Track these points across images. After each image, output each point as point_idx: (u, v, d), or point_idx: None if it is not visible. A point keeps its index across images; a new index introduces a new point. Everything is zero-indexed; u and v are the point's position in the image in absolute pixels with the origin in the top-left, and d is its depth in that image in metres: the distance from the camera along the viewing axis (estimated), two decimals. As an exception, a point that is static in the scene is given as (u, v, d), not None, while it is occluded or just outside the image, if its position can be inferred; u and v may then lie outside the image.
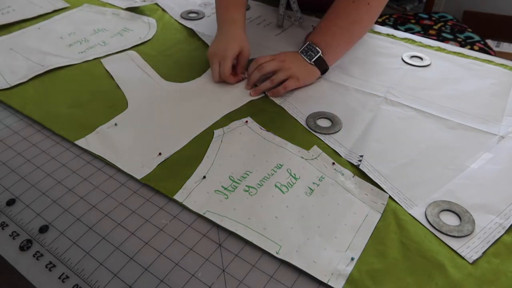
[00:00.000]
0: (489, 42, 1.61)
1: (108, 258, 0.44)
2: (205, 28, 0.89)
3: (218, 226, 0.48)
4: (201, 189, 0.52)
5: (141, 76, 0.74)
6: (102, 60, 0.78)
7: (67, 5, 0.99)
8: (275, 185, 0.52)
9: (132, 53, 0.80)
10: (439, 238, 0.46)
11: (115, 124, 0.62)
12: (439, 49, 0.82)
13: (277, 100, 0.68)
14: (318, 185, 0.53)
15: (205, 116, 0.64)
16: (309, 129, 0.62)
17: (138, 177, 0.53)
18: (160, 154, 0.57)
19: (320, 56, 0.70)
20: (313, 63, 0.70)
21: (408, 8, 1.92)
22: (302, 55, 0.71)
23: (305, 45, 0.71)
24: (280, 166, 0.55)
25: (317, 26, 0.73)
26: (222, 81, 0.71)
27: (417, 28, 1.61)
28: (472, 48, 1.47)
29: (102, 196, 0.51)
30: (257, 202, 0.50)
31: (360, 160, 0.56)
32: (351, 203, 0.50)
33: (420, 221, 0.48)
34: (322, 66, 0.71)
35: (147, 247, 0.45)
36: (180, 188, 0.52)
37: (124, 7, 0.98)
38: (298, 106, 0.67)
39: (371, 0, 0.69)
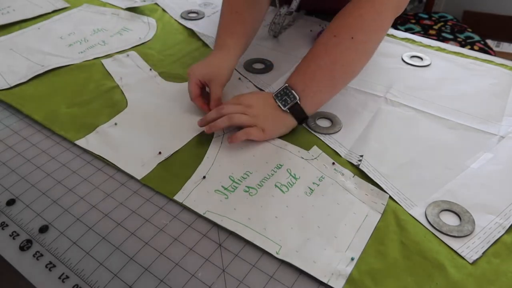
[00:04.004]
0: (489, 42, 1.61)
1: (108, 258, 0.44)
2: (205, 28, 0.89)
3: (218, 226, 0.48)
4: (201, 189, 0.52)
5: (141, 76, 0.74)
6: (102, 60, 0.78)
7: (67, 5, 0.99)
8: (275, 185, 0.52)
9: (132, 53, 0.80)
10: (439, 238, 0.46)
11: (115, 124, 0.62)
12: (439, 49, 0.82)
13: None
14: (318, 185, 0.53)
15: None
16: (309, 129, 0.62)
17: (138, 177, 0.53)
18: (160, 153, 0.57)
19: (297, 102, 0.57)
20: (287, 110, 0.58)
21: (408, 8, 1.92)
22: (276, 100, 0.58)
23: (281, 88, 0.58)
24: (280, 166, 0.55)
25: (297, 65, 0.60)
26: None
27: (417, 28, 1.61)
28: (472, 48, 1.47)
29: (102, 196, 0.51)
30: (257, 202, 0.50)
31: (360, 160, 0.56)
32: (351, 203, 0.50)
33: (420, 221, 0.48)
34: (300, 115, 0.58)
35: (147, 247, 0.45)
36: (180, 188, 0.52)
37: (124, 7, 0.98)
38: (298, 106, 0.66)
39: (355, 34, 0.56)
